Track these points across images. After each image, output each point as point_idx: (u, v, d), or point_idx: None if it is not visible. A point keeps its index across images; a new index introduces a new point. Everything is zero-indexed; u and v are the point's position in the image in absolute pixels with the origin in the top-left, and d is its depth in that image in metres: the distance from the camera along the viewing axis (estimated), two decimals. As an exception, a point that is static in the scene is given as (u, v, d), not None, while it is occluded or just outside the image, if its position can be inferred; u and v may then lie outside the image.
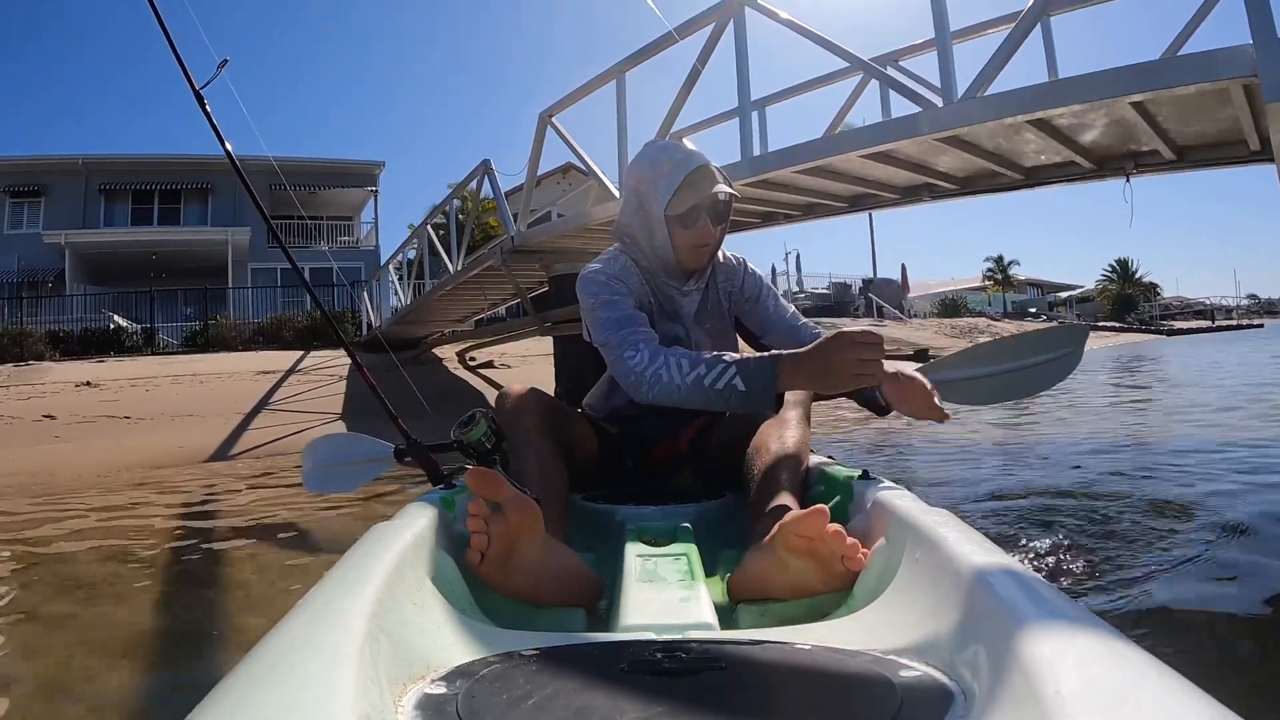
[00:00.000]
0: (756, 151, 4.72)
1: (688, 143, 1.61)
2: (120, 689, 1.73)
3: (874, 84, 5.18)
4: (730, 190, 1.45)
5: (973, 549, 0.75)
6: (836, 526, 0.93)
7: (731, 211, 1.51)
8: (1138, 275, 45.28)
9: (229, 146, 1.80)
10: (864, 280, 32.92)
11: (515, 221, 7.09)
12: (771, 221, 6.42)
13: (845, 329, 1.18)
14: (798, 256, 32.44)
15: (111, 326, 15.24)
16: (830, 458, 1.45)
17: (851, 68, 4.93)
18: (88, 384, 10.22)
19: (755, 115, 6.02)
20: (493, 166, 7.90)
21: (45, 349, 13.50)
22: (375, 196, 22.75)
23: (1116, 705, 0.44)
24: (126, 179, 19.90)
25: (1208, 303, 49.66)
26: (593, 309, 1.42)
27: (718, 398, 1.21)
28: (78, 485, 5.28)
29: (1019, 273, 42.25)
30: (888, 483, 1.16)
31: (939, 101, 3.65)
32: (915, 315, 30.63)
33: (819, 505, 0.94)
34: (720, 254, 1.61)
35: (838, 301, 30.30)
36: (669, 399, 1.26)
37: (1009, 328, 27.32)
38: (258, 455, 6.65)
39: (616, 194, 5.57)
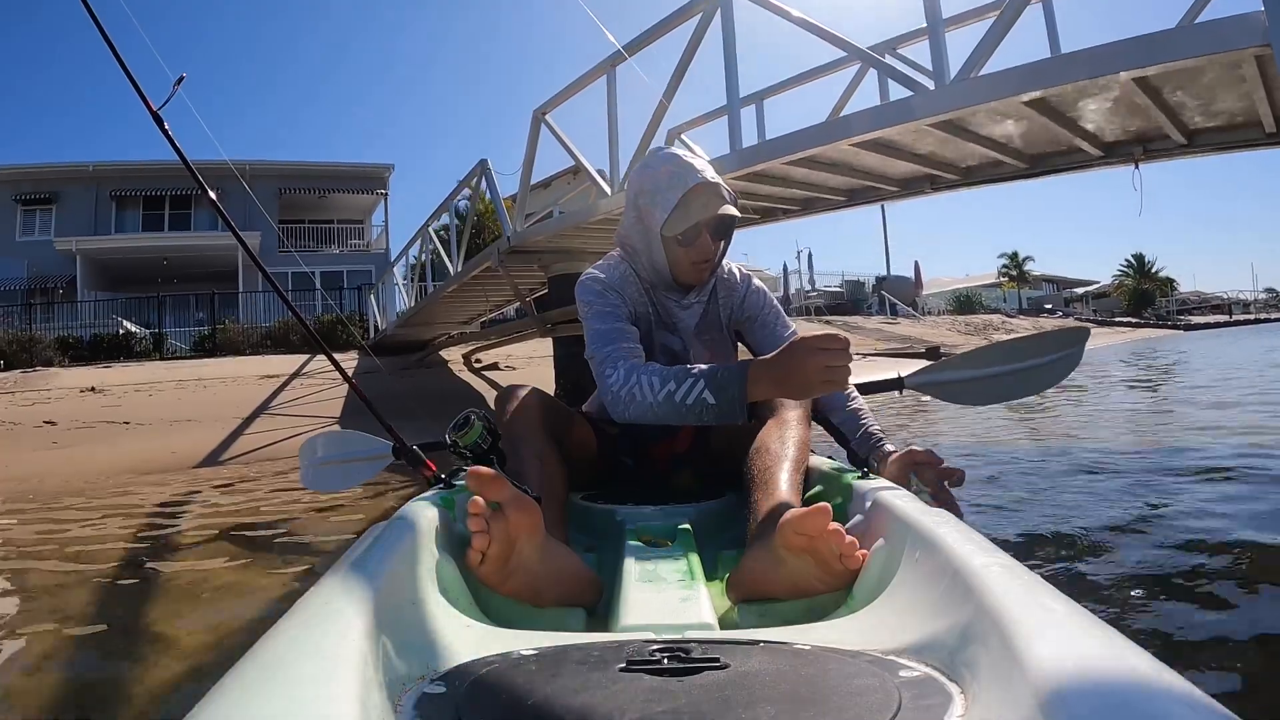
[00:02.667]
0: (749, 144, 4.57)
1: (690, 146, 1.52)
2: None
3: (873, 75, 5.05)
4: (732, 211, 1.43)
5: (973, 549, 0.75)
6: (835, 525, 0.92)
7: (735, 226, 1.49)
8: (1154, 270, 44.67)
9: (190, 162, 1.78)
10: (877, 278, 32.66)
11: (511, 221, 6.99)
12: (770, 217, 6.30)
13: (808, 335, 1.17)
14: (810, 254, 32.18)
15: (121, 332, 15.31)
16: (830, 458, 1.44)
17: (849, 58, 4.81)
18: (92, 389, 10.24)
19: (753, 109, 5.91)
20: (490, 166, 7.81)
21: (54, 355, 13.56)
22: (385, 199, 22.79)
23: (1116, 705, 0.44)
24: (137, 185, 20.00)
25: (1225, 297, 48.85)
26: (585, 318, 1.42)
27: (689, 412, 1.22)
28: (63, 491, 5.23)
29: (1034, 268, 41.85)
30: (887, 483, 1.15)
31: (933, 86, 3.49)
32: (929, 312, 30.36)
33: (821, 503, 0.93)
34: (725, 267, 1.59)
35: (851, 299, 30.08)
36: (644, 417, 1.26)
37: (1024, 324, 27.00)
38: (247, 461, 6.57)
39: (608, 190, 5.46)
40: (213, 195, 1.78)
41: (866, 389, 1.66)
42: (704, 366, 1.24)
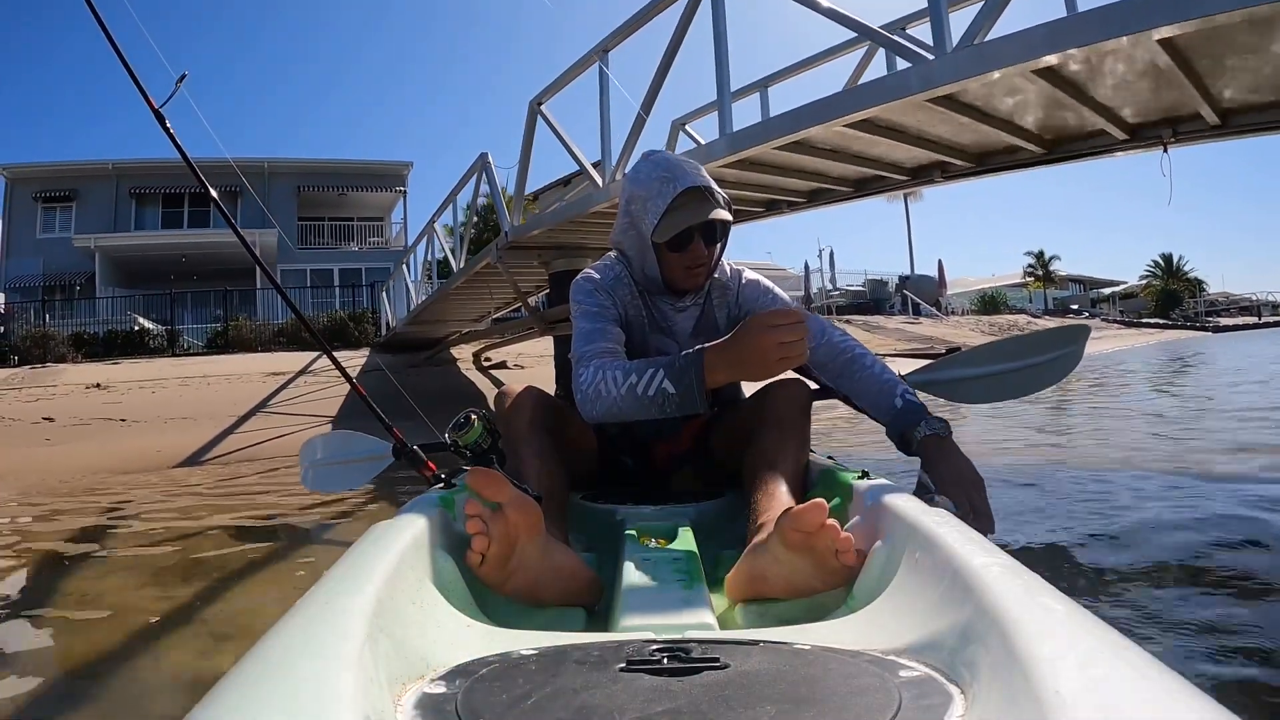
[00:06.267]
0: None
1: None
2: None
3: (881, 59, 4.76)
4: (722, 215, 1.40)
5: (973, 549, 0.74)
6: (831, 521, 0.91)
7: (729, 230, 1.46)
8: (1183, 270, 43.56)
9: (190, 159, 1.85)
10: (900, 277, 32.17)
11: (510, 217, 6.79)
12: (775, 210, 6.07)
13: (760, 313, 1.15)
14: (831, 253, 31.74)
15: (136, 328, 15.35)
16: (830, 458, 1.44)
17: (854, 40, 4.56)
18: (97, 386, 10.20)
19: (757, 97, 5.65)
20: (491, 160, 7.63)
21: (68, 351, 13.59)
22: (404, 197, 22.80)
23: (1116, 705, 0.44)
24: (157, 183, 20.13)
25: (1254, 298, 47.38)
26: (573, 317, 1.43)
27: (651, 404, 1.21)
28: (34, 489, 5.10)
29: (1060, 268, 40.99)
30: (888, 483, 1.14)
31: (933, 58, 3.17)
32: (953, 312, 29.83)
33: (816, 499, 0.92)
34: (720, 267, 1.56)
35: (873, 298, 29.68)
36: (611, 413, 1.25)
37: (1049, 325, 26.35)
38: (227, 461, 6.43)
39: (599, 182, 5.22)
40: (213, 193, 1.80)
41: None
42: (665, 357, 1.22)
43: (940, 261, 32.05)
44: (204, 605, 2.29)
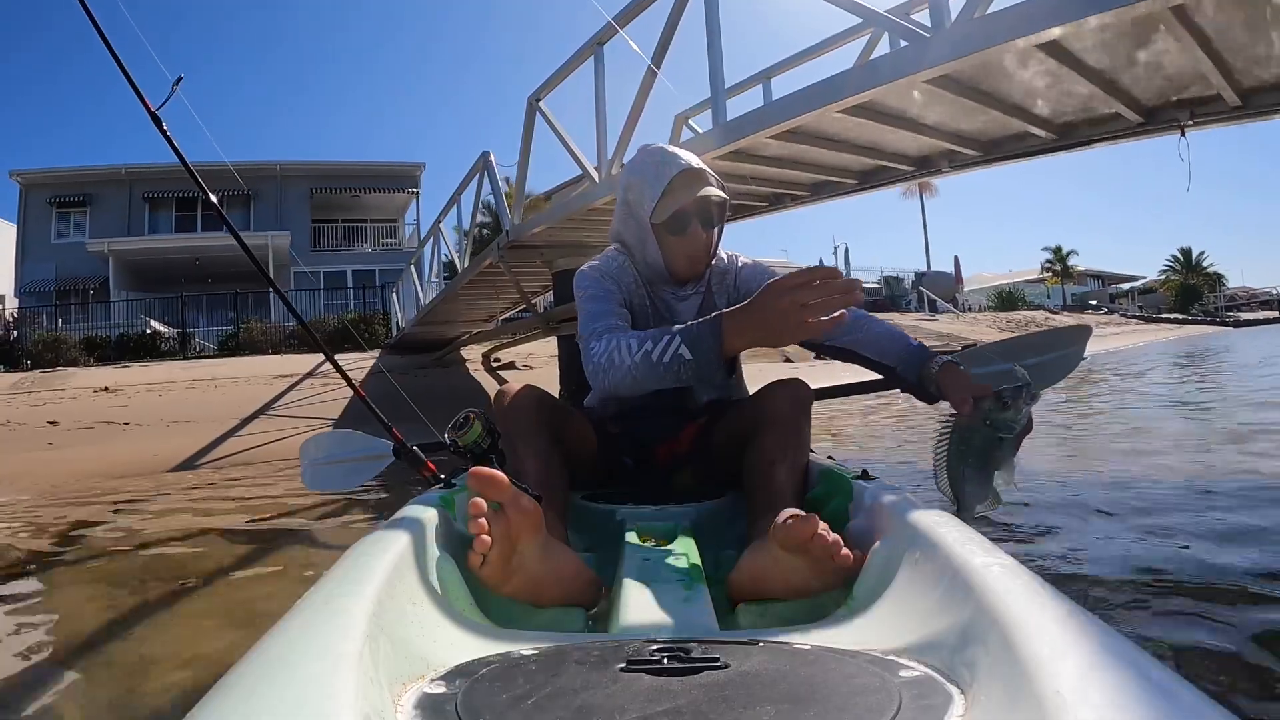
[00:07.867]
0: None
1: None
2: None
3: (886, 44, 4.58)
4: (719, 193, 1.42)
5: (973, 549, 0.74)
6: (822, 531, 0.91)
7: (726, 213, 1.47)
8: (1202, 265, 42.91)
9: (189, 163, 1.90)
10: (916, 273, 31.91)
11: (511, 215, 6.70)
12: (779, 204, 5.96)
13: (781, 275, 1.12)
14: (846, 249, 31.58)
15: (148, 331, 15.44)
16: (830, 458, 1.44)
17: (859, 27, 4.41)
18: (105, 389, 10.21)
19: (760, 89, 5.53)
20: (492, 159, 7.54)
21: (80, 355, 13.67)
22: (417, 198, 22.81)
23: (1116, 705, 0.44)
24: (170, 186, 20.24)
25: (1275, 292, 46.63)
26: (579, 301, 1.43)
27: (667, 371, 1.20)
28: (25, 492, 5.04)
29: (1078, 263, 40.57)
30: (888, 483, 1.14)
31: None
32: (969, 309, 29.52)
33: (811, 513, 0.93)
34: (718, 256, 1.58)
35: (889, 296, 29.49)
36: (624, 383, 1.24)
37: (1067, 321, 26.01)
38: (221, 465, 6.36)
39: (596, 178, 5.12)
40: (213, 198, 1.82)
41: (862, 388, 1.65)
42: (680, 325, 1.21)
43: (956, 258, 32.00)
44: (154, 618, 2.16)
